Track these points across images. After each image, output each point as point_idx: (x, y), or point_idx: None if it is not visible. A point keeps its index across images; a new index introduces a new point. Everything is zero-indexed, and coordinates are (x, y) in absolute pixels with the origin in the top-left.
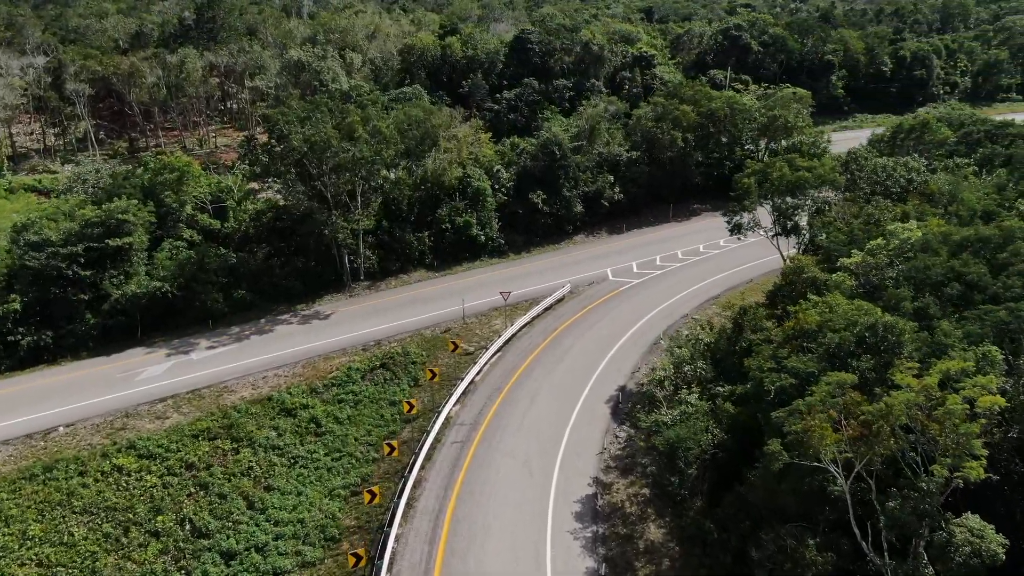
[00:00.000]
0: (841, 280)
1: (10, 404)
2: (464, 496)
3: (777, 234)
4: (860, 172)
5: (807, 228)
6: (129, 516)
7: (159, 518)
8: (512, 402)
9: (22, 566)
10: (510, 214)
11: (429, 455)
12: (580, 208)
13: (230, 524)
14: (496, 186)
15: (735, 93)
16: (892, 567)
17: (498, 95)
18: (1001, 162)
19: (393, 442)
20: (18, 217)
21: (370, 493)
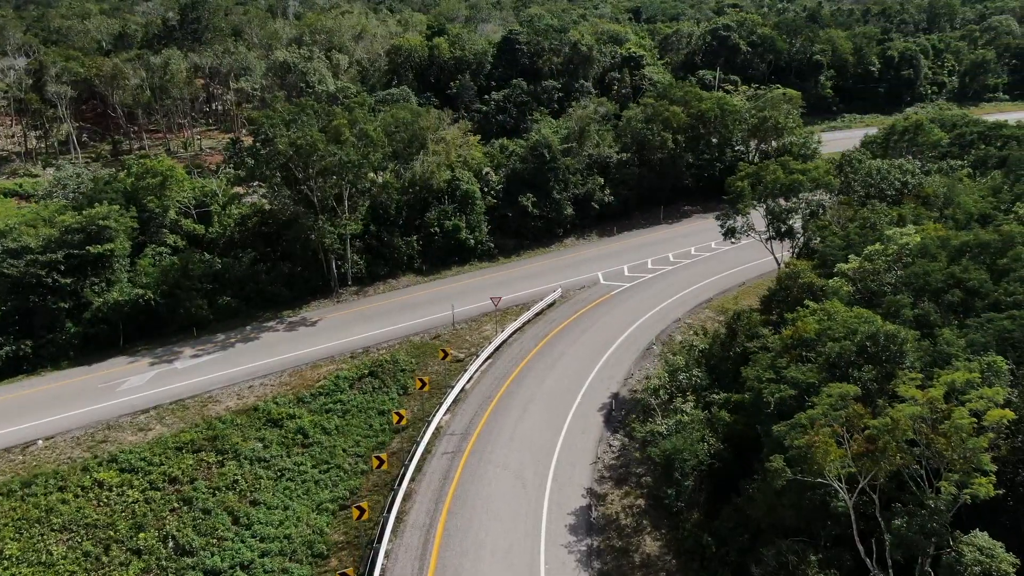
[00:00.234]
0: (838, 286)
1: None
2: (455, 509)
3: (771, 238)
4: (854, 175)
5: (802, 232)
6: (110, 533)
7: (141, 535)
8: (503, 411)
9: None
10: (499, 217)
11: (419, 466)
12: (570, 211)
13: (214, 541)
14: (485, 189)
15: (725, 94)
16: None
17: (486, 96)
18: (995, 164)
19: (382, 455)
20: None
21: (359, 509)
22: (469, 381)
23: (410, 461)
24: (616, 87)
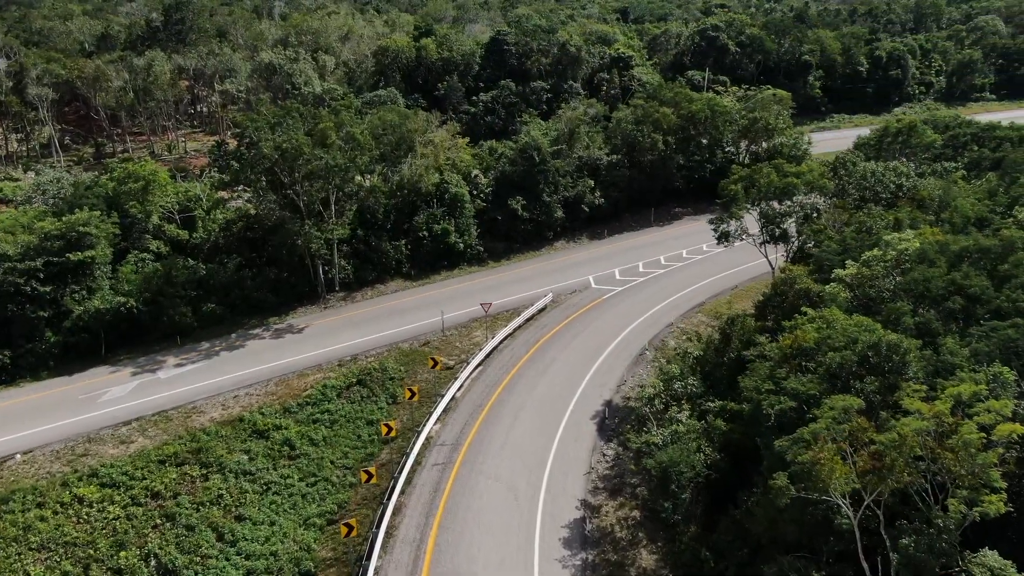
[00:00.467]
0: (836, 292)
1: None
2: (446, 524)
3: (765, 241)
4: (849, 177)
5: (796, 236)
6: (90, 552)
7: (122, 554)
8: (495, 420)
9: None
10: (489, 221)
11: (409, 479)
12: (560, 214)
13: (198, 559)
14: (474, 192)
15: (715, 95)
16: None
17: (475, 98)
18: (989, 166)
19: (371, 468)
20: None
21: (347, 526)
22: (459, 389)
23: (400, 473)
24: (605, 88)
